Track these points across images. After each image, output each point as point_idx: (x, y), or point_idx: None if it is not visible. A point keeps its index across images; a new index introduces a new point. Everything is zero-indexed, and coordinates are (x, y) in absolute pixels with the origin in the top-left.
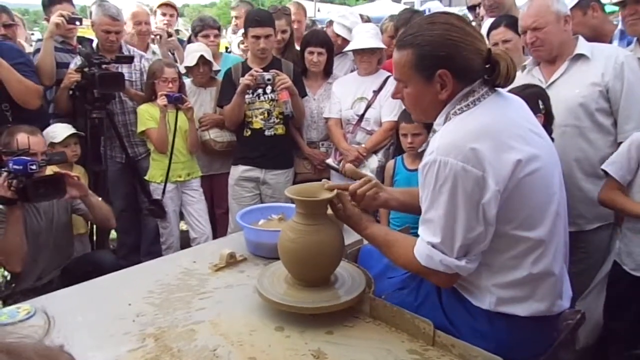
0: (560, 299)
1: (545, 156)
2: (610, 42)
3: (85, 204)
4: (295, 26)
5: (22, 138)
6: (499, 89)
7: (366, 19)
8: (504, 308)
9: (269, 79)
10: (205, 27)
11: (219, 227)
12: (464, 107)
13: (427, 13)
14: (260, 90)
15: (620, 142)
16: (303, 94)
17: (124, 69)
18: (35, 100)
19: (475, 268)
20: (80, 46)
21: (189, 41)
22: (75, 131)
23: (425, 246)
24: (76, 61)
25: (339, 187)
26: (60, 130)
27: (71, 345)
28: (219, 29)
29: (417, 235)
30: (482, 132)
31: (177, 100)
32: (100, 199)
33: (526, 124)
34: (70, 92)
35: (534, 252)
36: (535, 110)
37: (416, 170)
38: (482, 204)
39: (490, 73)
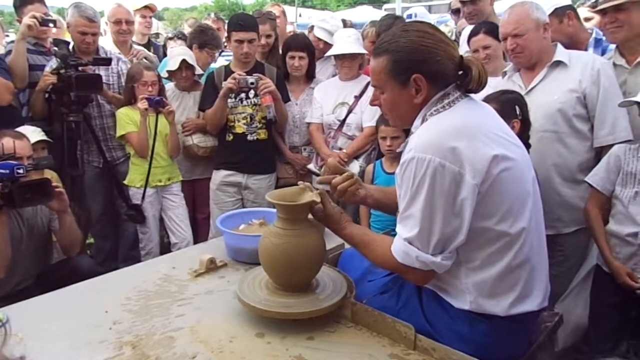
0: (537, 291)
1: (518, 158)
2: (586, 50)
3: (60, 220)
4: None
5: (8, 142)
6: (471, 95)
7: (350, 25)
8: (482, 307)
9: (252, 83)
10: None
11: (200, 232)
12: (440, 108)
13: (412, 18)
14: (243, 95)
15: (596, 148)
16: (286, 99)
17: (102, 71)
18: (4, 95)
19: (450, 265)
20: (55, 48)
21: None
22: (43, 137)
23: (402, 243)
24: (52, 64)
25: (324, 181)
26: (28, 135)
27: (46, 354)
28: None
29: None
30: (459, 130)
31: (158, 104)
32: (75, 223)
33: (498, 130)
34: (46, 95)
35: (515, 245)
36: (511, 116)
37: (394, 173)
38: (459, 200)
39: (463, 78)
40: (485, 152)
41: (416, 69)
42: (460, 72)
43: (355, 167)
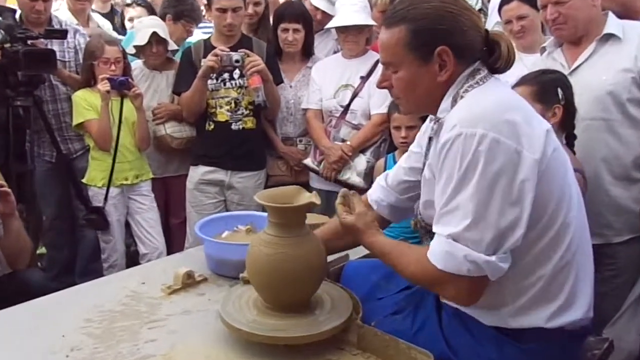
0: (582, 298)
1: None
2: None
3: (5, 226)
4: None
5: None
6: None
7: None
8: (521, 321)
9: (237, 61)
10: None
11: (174, 240)
12: (474, 84)
13: None
14: (226, 75)
15: None
16: (278, 81)
17: (55, 46)
18: None
19: (506, 269)
20: None
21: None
22: None
23: (445, 241)
24: None
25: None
26: None
27: None
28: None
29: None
30: (510, 102)
31: (122, 86)
32: (23, 230)
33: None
34: None
35: (564, 240)
36: (552, 100)
37: None
38: (517, 182)
39: (489, 56)
40: (539, 126)
41: (441, 40)
42: (485, 48)
43: (361, 162)
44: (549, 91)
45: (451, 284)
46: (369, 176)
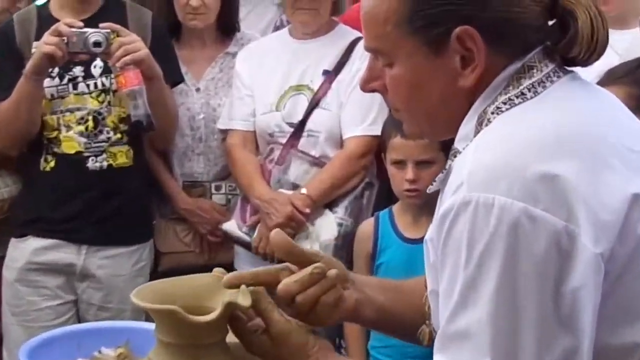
0: None
1: None
2: None
3: None
4: None
5: None
6: (576, 71)
7: None
8: None
9: (97, 44)
10: None
11: None
12: (514, 97)
13: None
14: (77, 69)
15: None
16: (175, 78)
17: None
18: None
19: None
20: None
21: None
22: None
23: None
24: None
25: (253, 280)
26: None
27: None
28: None
29: None
30: (560, 141)
31: None
32: None
33: (637, 140)
34: None
35: None
36: None
37: (421, 241)
38: (568, 290)
39: (559, 37)
40: (617, 186)
41: (463, 15)
42: (552, 23)
43: (328, 226)
44: None
45: None
46: (342, 250)
